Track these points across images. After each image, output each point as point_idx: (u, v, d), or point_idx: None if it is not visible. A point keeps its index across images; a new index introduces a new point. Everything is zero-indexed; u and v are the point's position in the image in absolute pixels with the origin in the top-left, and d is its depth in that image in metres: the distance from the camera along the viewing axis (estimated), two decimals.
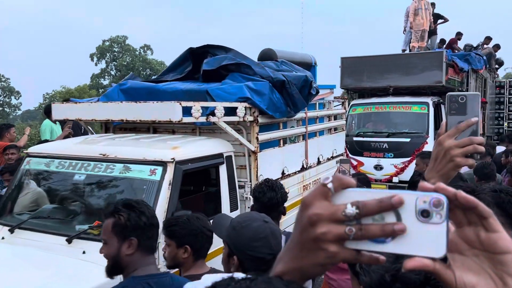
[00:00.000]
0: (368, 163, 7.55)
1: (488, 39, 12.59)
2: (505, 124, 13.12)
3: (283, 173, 4.61)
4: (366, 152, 7.77)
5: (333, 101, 6.23)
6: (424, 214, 0.49)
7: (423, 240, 0.49)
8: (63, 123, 6.02)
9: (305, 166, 5.17)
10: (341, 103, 6.58)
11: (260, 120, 4.13)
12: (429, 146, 7.18)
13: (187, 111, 3.53)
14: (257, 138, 4.09)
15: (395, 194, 0.50)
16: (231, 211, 3.86)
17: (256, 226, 1.63)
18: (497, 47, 12.67)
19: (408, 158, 7.28)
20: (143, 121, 3.75)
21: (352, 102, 8.78)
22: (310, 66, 6.07)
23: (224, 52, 4.69)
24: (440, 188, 0.51)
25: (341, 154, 6.52)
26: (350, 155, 7.55)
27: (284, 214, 2.84)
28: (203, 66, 4.49)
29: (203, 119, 3.62)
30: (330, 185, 0.53)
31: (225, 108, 3.84)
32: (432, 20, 10.44)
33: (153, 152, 3.39)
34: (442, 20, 11.22)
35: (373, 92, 9.20)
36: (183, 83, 4.52)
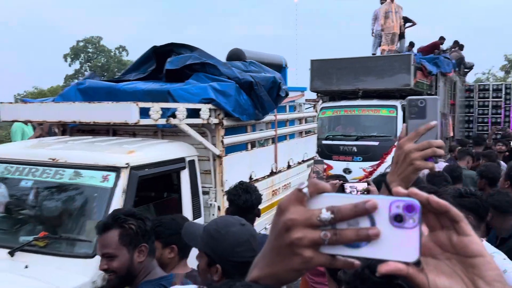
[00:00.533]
0: (337, 167, 7.45)
1: (456, 43, 12.77)
2: (475, 127, 13.38)
3: (250, 178, 4.42)
4: (335, 155, 7.69)
5: (304, 103, 6.08)
6: (398, 219, 0.49)
7: (397, 245, 0.49)
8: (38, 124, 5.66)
9: (274, 170, 4.99)
10: (312, 105, 6.45)
11: (226, 122, 3.92)
12: None
13: (146, 113, 3.30)
14: (222, 141, 3.88)
15: (369, 199, 0.50)
16: (193, 219, 3.63)
17: (235, 231, 1.61)
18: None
19: (377, 162, 7.23)
20: (97, 123, 3.49)
21: (322, 105, 8.68)
22: (280, 67, 5.91)
23: (189, 51, 4.47)
24: (413, 193, 0.52)
25: (313, 158, 6.38)
26: (319, 158, 7.44)
27: (259, 216, 2.85)
28: (166, 66, 4.26)
29: (163, 121, 3.39)
30: (305, 190, 0.53)
31: (188, 110, 3.62)
32: (402, 23, 10.49)
33: (106, 156, 3.13)
34: (411, 24, 11.28)
35: (344, 95, 9.15)
36: (145, 83, 4.27)
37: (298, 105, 5.88)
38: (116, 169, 3.01)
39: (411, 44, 11.84)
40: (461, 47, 12.70)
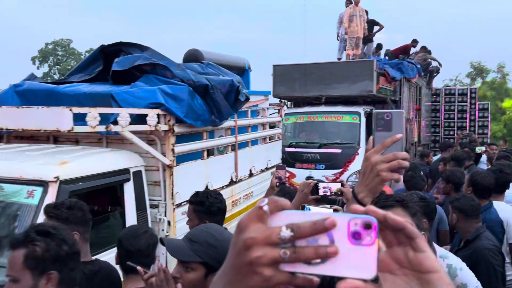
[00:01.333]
0: (300, 175, 7.20)
1: (423, 48, 12.80)
2: (442, 131, 13.47)
3: (206, 188, 4.09)
4: (298, 163, 7.43)
5: (268, 108, 5.81)
6: (356, 236, 0.50)
7: (355, 262, 0.50)
8: None
9: (234, 179, 4.68)
10: (277, 110, 6.20)
11: (177, 129, 3.59)
12: (360, 157, 6.93)
13: (83, 118, 2.93)
14: (173, 150, 3.54)
15: (328, 217, 0.51)
16: None
17: (229, 235, 1.60)
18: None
19: (340, 170, 7.03)
20: (28, 130, 3.09)
21: (285, 111, 8.45)
22: (243, 70, 5.62)
23: (140, 51, 4.10)
24: (370, 210, 0.53)
25: (277, 165, 6.11)
26: (281, 164, 7.19)
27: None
28: (113, 66, 3.88)
29: (101, 129, 3.02)
30: (265, 208, 0.53)
31: (133, 116, 3.27)
32: (367, 27, 10.35)
33: (32, 168, 2.75)
34: (378, 28, 11.22)
35: (308, 101, 8.92)
36: (89, 85, 3.88)
37: (261, 110, 5.60)
38: (43, 184, 2.63)
39: (379, 46, 11.74)
40: (428, 52, 12.75)
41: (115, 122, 3.12)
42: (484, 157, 7.81)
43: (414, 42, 12.32)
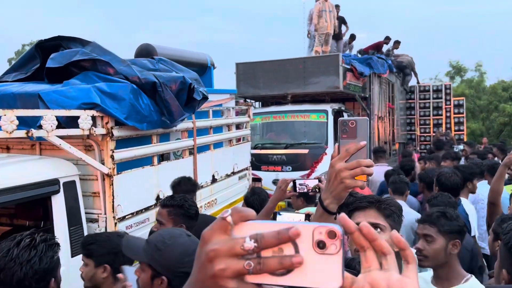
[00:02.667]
0: (266, 178, 6.82)
1: (397, 43, 12.63)
2: (417, 129, 13.25)
3: (158, 198, 3.67)
4: (264, 165, 7.02)
5: (233, 108, 5.41)
6: (320, 245, 0.49)
7: (320, 272, 0.49)
8: None
9: None
10: (245, 110, 5.81)
11: (117, 133, 3.16)
12: (328, 158, 6.58)
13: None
14: (112, 156, 3.11)
15: (292, 226, 0.50)
16: (72, 256, 2.85)
17: (183, 242, 1.58)
18: (398, 43, 12.61)
19: (307, 171, 6.66)
20: None
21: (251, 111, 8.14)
22: (204, 67, 5.22)
23: (81, 46, 3.65)
24: (343, 219, 0.54)
25: (246, 169, 5.73)
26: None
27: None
28: (48, 63, 3.43)
29: (21, 134, 2.58)
30: (229, 219, 0.51)
31: (62, 118, 2.84)
32: (337, 24, 10.00)
33: None
34: (346, 29, 10.97)
35: (275, 100, 8.50)
36: (21, 85, 3.41)
37: (226, 109, 5.21)
38: None
39: (352, 37, 11.40)
40: (398, 43, 12.57)
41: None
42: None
43: (387, 39, 12.07)
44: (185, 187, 3.35)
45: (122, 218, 3.24)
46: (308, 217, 2.06)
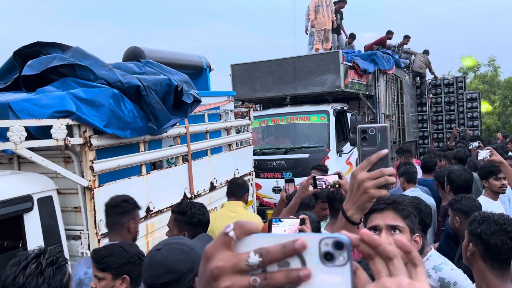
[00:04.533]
0: (266, 186, 6.42)
1: (406, 38, 12.17)
2: (430, 126, 12.66)
3: (148, 210, 3.41)
4: (263, 172, 6.58)
5: (232, 110, 5.13)
6: (328, 257, 0.48)
7: (329, 284, 0.48)
8: None
9: (188, 195, 4.01)
10: (245, 112, 5.53)
11: (97, 142, 2.91)
12: (330, 162, 6.15)
13: None
14: (91, 168, 2.86)
15: (298, 238, 0.48)
16: None
17: (149, 252, 1.64)
18: (407, 38, 12.10)
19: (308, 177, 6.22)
20: None
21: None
22: (200, 69, 4.96)
23: (60, 51, 3.43)
24: (364, 234, 0.52)
25: (249, 173, 5.45)
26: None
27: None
28: (24, 70, 3.21)
29: None
30: (231, 234, 0.49)
31: (33, 128, 2.61)
32: (335, 18, 9.47)
33: None
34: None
35: (275, 102, 8.10)
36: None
37: (224, 112, 4.94)
38: None
39: (352, 36, 10.85)
40: (407, 38, 12.11)
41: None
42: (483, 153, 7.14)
43: (389, 34, 11.52)
44: (118, 210, 2.63)
45: (107, 234, 2.99)
46: (303, 221, 1.96)
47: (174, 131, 3.81)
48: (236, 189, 3.66)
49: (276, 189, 6.36)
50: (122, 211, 2.58)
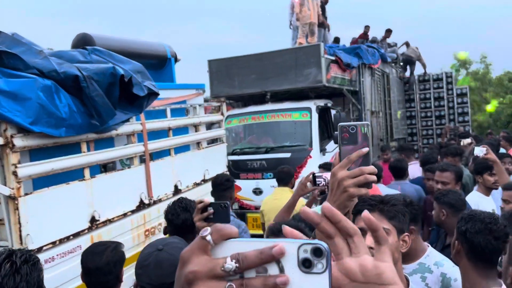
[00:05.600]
0: (246, 187, 6.02)
1: (388, 32, 11.82)
2: (418, 123, 12.32)
3: (92, 220, 2.97)
4: (243, 173, 6.19)
5: (201, 105, 4.69)
6: (306, 264, 0.47)
7: None
8: None
9: (146, 201, 3.57)
10: (217, 107, 5.10)
11: (22, 142, 2.46)
12: (313, 161, 5.83)
13: None
14: (15, 173, 2.41)
15: (276, 244, 0.47)
16: None
17: (145, 253, 1.62)
18: (389, 32, 11.83)
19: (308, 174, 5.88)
20: None
21: (227, 113, 7.26)
22: (163, 60, 4.51)
23: None
24: (305, 213, 0.52)
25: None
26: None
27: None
28: None
29: None
30: (208, 238, 0.48)
31: None
32: (321, 12, 9.07)
33: None
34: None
35: (256, 99, 7.69)
36: None
37: (191, 107, 4.49)
38: None
39: (336, 40, 10.39)
40: (389, 31, 11.80)
41: None
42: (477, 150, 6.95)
43: (366, 28, 11.17)
44: (222, 187, 3.50)
45: (38, 250, 2.55)
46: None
47: (127, 128, 3.37)
48: (283, 176, 4.23)
49: (257, 191, 6.02)
50: (225, 188, 3.46)
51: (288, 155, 6.14)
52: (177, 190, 4.07)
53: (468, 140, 7.62)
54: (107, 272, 2.00)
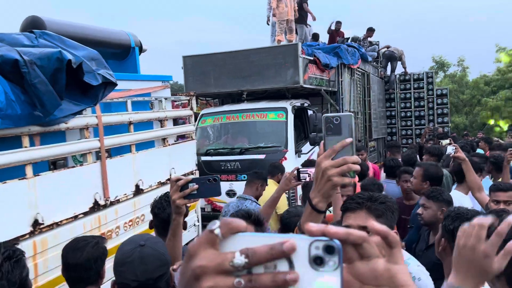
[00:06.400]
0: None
1: (370, 31, 11.72)
2: (398, 123, 12.26)
3: (35, 223, 2.63)
4: (216, 174, 6.00)
5: (167, 98, 4.35)
6: (318, 261, 0.46)
7: None
8: None
9: (101, 202, 3.25)
10: (186, 101, 4.79)
11: None
12: (288, 163, 5.62)
13: None
14: None
15: (287, 240, 0.46)
16: None
17: (126, 250, 1.57)
18: (371, 31, 11.74)
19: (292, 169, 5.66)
20: None
21: (202, 112, 7.08)
22: (127, 49, 4.17)
23: None
24: (330, 232, 0.48)
25: (191, 173, 4.72)
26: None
27: (185, 229, 2.44)
28: None
29: None
30: (217, 231, 0.47)
31: None
32: (297, 8, 8.81)
33: None
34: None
35: (234, 98, 7.48)
36: None
37: (156, 100, 4.17)
38: None
39: (315, 37, 10.10)
40: (371, 30, 11.69)
41: None
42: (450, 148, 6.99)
43: (338, 24, 10.99)
44: (255, 175, 4.17)
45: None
46: None
47: (80, 121, 3.05)
48: (272, 170, 4.56)
49: (230, 193, 5.78)
50: (256, 177, 4.06)
51: (262, 156, 5.94)
52: (138, 190, 3.75)
53: (447, 141, 7.63)
54: (87, 268, 1.98)
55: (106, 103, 3.55)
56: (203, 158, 6.18)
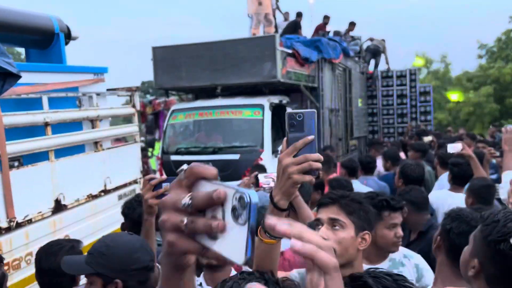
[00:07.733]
0: None
1: (352, 25, 11.20)
2: (380, 120, 11.76)
3: None
4: None
5: (99, 94, 3.62)
6: (235, 213, 0.46)
7: (233, 242, 0.46)
8: None
9: (3, 225, 2.56)
10: (128, 96, 4.10)
11: None
12: (264, 164, 4.97)
13: None
14: None
15: (217, 189, 0.47)
16: None
17: (126, 240, 1.58)
18: (352, 25, 11.23)
19: (240, 181, 5.10)
20: None
21: (173, 107, 6.57)
22: (50, 35, 3.45)
23: None
24: (279, 229, 0.52)
25: (134, 181, 4.04)
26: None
27: (158, 230, 2.08)
28: None
29: None
30: (181, 174, 0.52)
31: None
32: (274, 1, 8.33)
33: None
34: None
35: (208, 92, 6.93)
36: None
37: (85, 96, 3.46)
38: None
39: (298, 15, 9.44)
40: (353, 24, 11.18)
41: None
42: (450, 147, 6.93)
43: (325, 18, 10.42)
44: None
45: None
46: None
47: None
48: (256, 170, 4.44)
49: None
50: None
51: (236, 156, 5.55)
52: (59, 206, 3.06)
53: (429, 138, 7.32)
54: (61, 274, 1.86)
55: (13, 100, 2.85)
56: (173, 157, 5.78)
